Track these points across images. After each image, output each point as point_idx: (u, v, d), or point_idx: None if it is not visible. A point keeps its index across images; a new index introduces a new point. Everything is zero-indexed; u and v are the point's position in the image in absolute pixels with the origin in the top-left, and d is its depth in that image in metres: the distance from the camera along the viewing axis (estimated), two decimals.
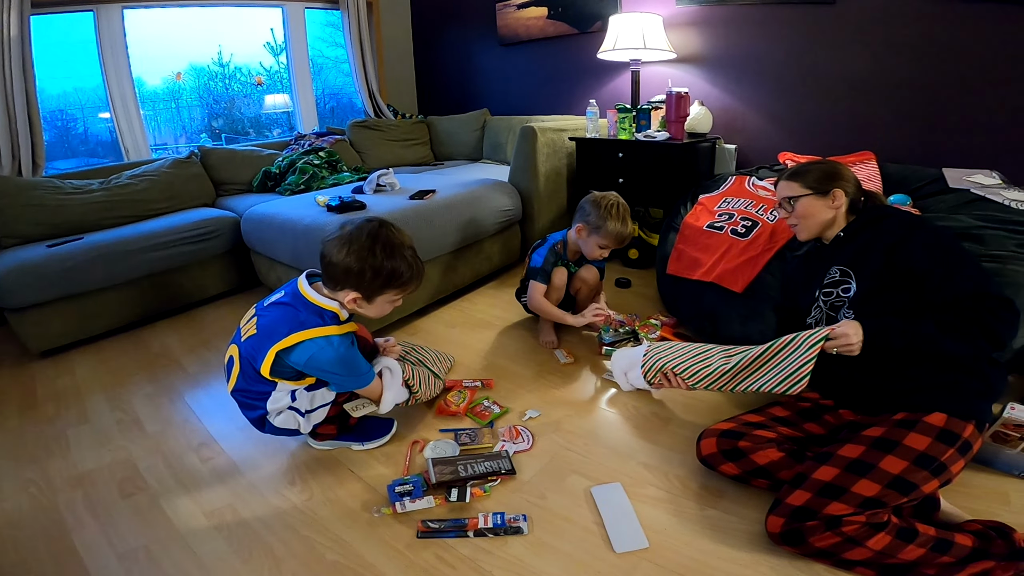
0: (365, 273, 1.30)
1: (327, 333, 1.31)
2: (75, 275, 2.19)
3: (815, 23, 2.60)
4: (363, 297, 1.34)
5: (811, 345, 1.20)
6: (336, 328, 1.33)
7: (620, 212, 1.90)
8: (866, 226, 1.34)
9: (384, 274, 1.32)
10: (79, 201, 2.59)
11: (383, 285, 1.34)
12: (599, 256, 1.99)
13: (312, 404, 1.43)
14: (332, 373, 1.36)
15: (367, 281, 1.31)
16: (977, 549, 1.01)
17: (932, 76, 2.35)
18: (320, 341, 1.30)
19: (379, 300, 1.37)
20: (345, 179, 3.21)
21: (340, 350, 1.32)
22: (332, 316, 1.34)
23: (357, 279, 1.31)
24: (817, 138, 2.73)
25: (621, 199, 1.94)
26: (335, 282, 1.33)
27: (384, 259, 1.31)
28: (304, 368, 1.33)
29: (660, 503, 1.29)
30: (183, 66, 3.88)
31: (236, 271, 2.79)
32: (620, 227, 1.89)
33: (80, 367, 2.13)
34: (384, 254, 1.31)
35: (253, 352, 1.34)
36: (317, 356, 1.30)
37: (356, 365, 1.39)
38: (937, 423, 1.07)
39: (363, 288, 1.33)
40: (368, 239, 1.30)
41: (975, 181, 1.97)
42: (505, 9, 3.81)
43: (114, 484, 1.45)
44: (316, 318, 1.32)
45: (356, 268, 1.29)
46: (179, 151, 3.78)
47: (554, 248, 2.00)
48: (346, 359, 1.35)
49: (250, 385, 1.39)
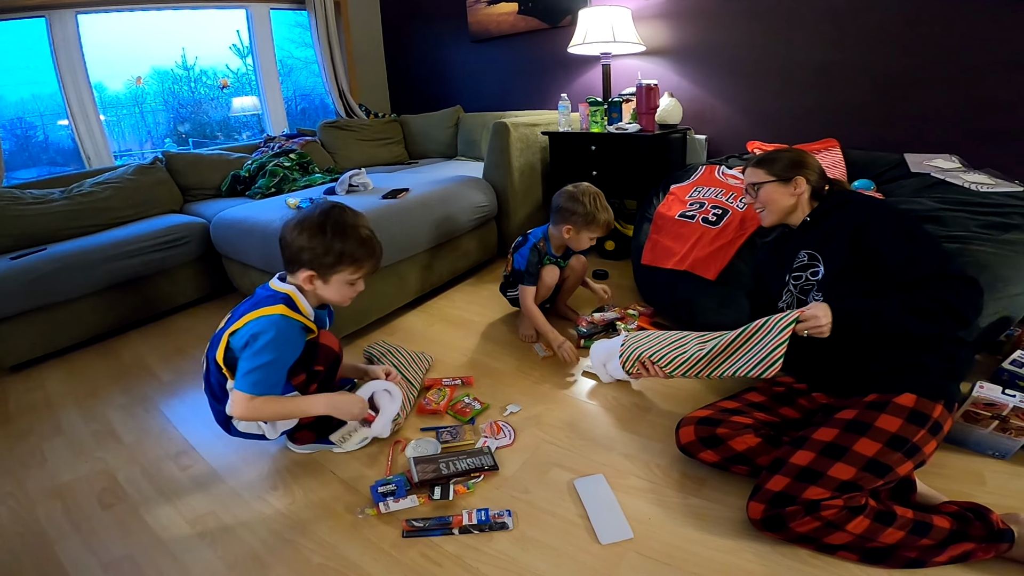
0: (316, 248, 1.30)
1: (274, 311, 1.27)
2: (40, 287, 2.13)
3: (779, 13, 2.64)
4: (317, 275, 1.33)
5: (782, 328, 1.22)
6: (287, 309, 1.29)
7: (602, 201, 1.92)
8: (831, 211, 1.37)
9: (336, 250, 1.31)
10: (40, 211, 2.52)
11: (336, 261, 1.32)
12: (587, 246, 1.99)
13: None
14: (253, 353, 1.25)
15: (319, 256, 1.30)
16: (955, 531, 1.03)
17: (893, 64, 2.41)
18: (263, 318, 1.27)
19: (335, 280, 1.35)
20: (317, 181, 3.17)
21: (281, 328, 1.26)
22: (284, 298, 1.31)
23: (310, 255, 1.30)
24: (784, 127, 2.78)
25: (593, 189, 1.94)
26: (291, 263, 1.33)
27: (334, 235, 1.30)
28: (238, 346, 1.28)
29: (643, 493, 1.30)
30: (145, 70, 3.78)
31: (208, 277, 2.73)
32: (608, 215, 1.91)
33: (51, 380, 2.08)
34: (335, 230, 1.31)
35: (213, 342, 1.34)
36: (252, 331, 1.26)
37: (282, 352, 1.28)
38: (907, 404, 1.09)
39: (316, 265, 1.31)
40: (320, 216, 1.31)
41: (936, 165, 2.02)
42: (476, 5, 3.80)
43: (93, 495, 1.43)
44: (269, 300, 1.30)
45: (307, 245, 1.29)
46: (144, 157, 3.68)
47: (535, 247, 1.99)
48: (278, 342, 1.26)
49: (212, 379, 1.38)
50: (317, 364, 1.40)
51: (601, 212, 1.90)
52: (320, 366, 1.41)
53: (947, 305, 1.11)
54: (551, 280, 2.00)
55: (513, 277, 2.08)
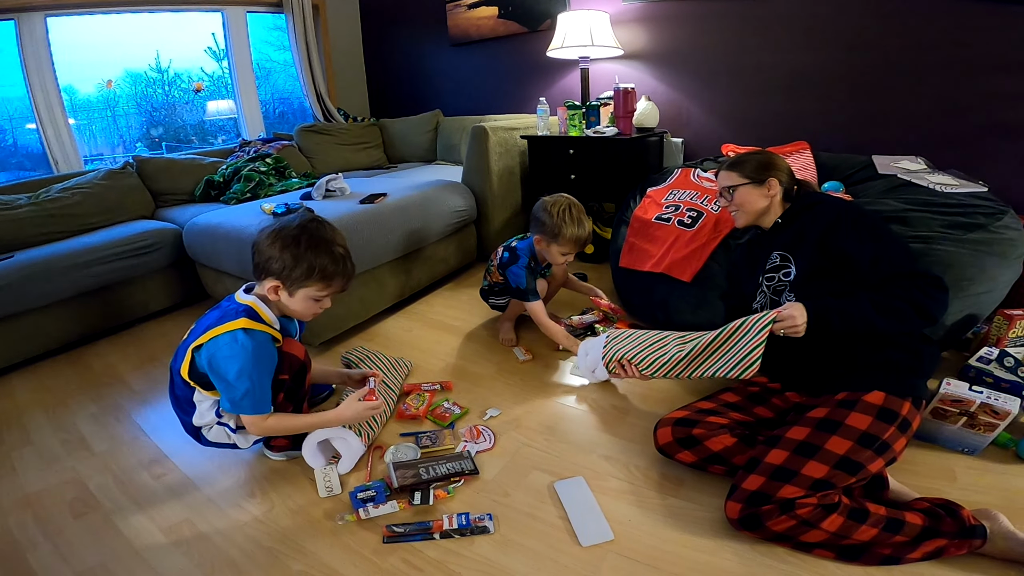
0: (286, 260, 1.28)
1: (237, 326, 1.25)
2: (7, 295, 2.07)
3: (753, 18, 2.70)
4: (283, 286, 1.31)
5: (760, 329, 1.23)
6: (247, 322, 1.27)
7: (575, 215, 1.84)
8: (801, 212, 1.41)
9: (306, 264, 1.29)
10: (6, 217, 2.45)
11: (305, 276, 1.30)
12: (563, 262, 1.95)
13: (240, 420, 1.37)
14: (228, 371, 1.24)
15: (288, 268, 1.28)
16: (928, 528, 1.04)
17: (863, 68, 2.48)
18: (227, 334, 1.24)
19: (300, 294, 1.32)
20: (293, 186, 3.14)
21: (246, 346, 1.24)
22: (246, 309, 1.29)
23: (279, 265, 1.28)
24: (757, 130, 2.83)
25: (573, 200, 1.88)
26: (259, 271, 1.31)
27: (307, 249, 1.28)
28: (208, 368, 1.27)
29: (622, 495, 1.31)
30: (118, 73, 3.70)
31: (180, 285, 2.68)
32: (577, 231, 1.84)
33: (19, 390, 2.03)
34: (309, 244, 1.29)
35: (178, 355, 1.32)
36: (220, 350, 1.24)
37: (256, 373, 1.26)
38: (876, 401, 1.12)
39: (284, 276, 1.29)
40: (297, 229, 1.29)
41: (902, 167, 2.08)
42: (456, 9, 3.80)
43: (64, 504, 1.40)
44: (230, 315, 1.28)
45: (278, 255, 1.27)
46: (116, 161, 3.60)
47: (529, 266, 1.94)
48: (250, 359, 1.24)
49: (177, 390, 1.36)
50: (282, 373, 1.37)
51: (569, 226, 1.82)
52: (285, 375, 1.37)
53: (915, 304, 1.15)
54: (543, 292, 2.03)
55: (503, 289, 2.07)
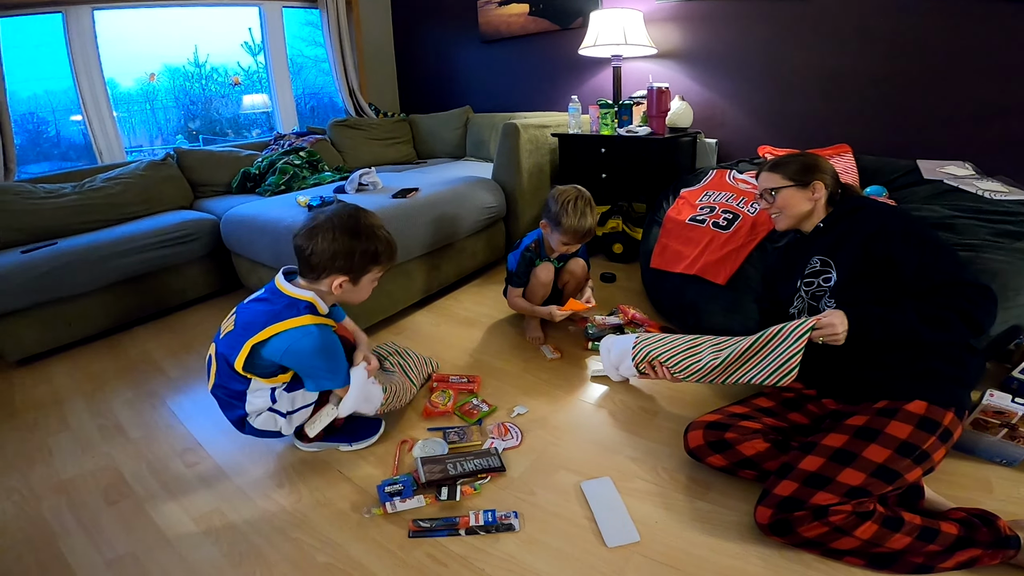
0: (354, 253, 1.32)
1: (304, 323, 1.29)
2: (50, 281, 2.14)
3: (791, 18, 2.64)
4: (350, 279, 1.35)
5: (799, 336, 1.21)
6: (313, 318, 1.31)
7: (578, 207, 1.82)
8: (844, 216, 1.36)
9: (370, 252, 1.35)
10: (52, 206, 2.53)
11: (369, 262, 1.36)
12: (564, 251, 1.95)
13: (293, 405, 1.42)
14: (311, 365, 1.32)
15: (356, 261, 1.33)
16: (962, 537, 1.02)
17: (906, 69, 2.40)
18: (297, 331, 1.29)
19: (364, 280, 1.39)
20: (326, 179, 3.18)
21: (319, 338, 1.30)
22: (307, 306, 1.33)
23: (345, 261, 1.32)
24: (795, 131, 2.77)
25: (583, 192, 1.87)
26: (319, 270, 1.33)
27: (366, 237, 1.34)
28: (282, 360, 1.31)
29: (649, 496, 1.30)
30: (157, 67, 3.80)
31: (217, 274, 2.74)
32: (576, 222, 1.81)
33: (58, 375, 2.09)
34: (366, 233, 1.34)
35: (230, 348, 1.33)
36: (295, 346, 1.29)
37: (336, 355, 1.36)
38: (917, 411, 1.09)
39: (351, 270, 1.34)
40: (350, 220, 1.33)
41: (949, 172, 2.01)
42: (486, 6, 3.80)
43: (99, 491, 1.43)
44: (291, 310, 1.31)
45: (344, 250, 1.31)
46: (155, 153, 3.71)
47: (526, 251, 1.98)
48: (326, 348, 1.32)
49: (226, 382, 1.38)
50: None
51: (568, 217, 1.80)
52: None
53: (961, 313, 1.11)
54: (546, 277, 1.97)
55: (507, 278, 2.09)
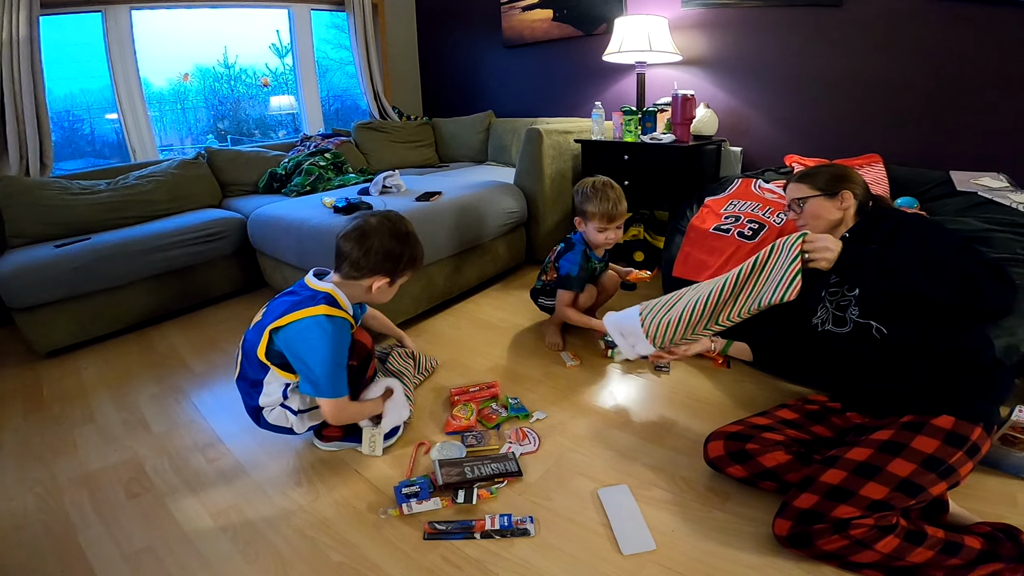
0: (401, 257, 1.40)
1: (318, 312, 1.31)
2: (82, 275, 2.20)
3: (821, 25, 2.60)
4: (389, 281, 1.42)
5: (790, 248, 1.24)
6: (329, 308, 1.33)
7: (600, 189, 1.88)
8: (868, 226, 1.34)
9: (413, 257, 1.45)
10: (86, 201, 2.60)
11: (408, 267, 1.45)
12: (604, 242, 1.94)
13: (304, 404, 1.44)
14: (310, 357, 1.31)
15: (401, 265, 1.41)
16: (985, 551, 1.01)
17: (938, 78, 2.35)
18: (310, 318, 1.30)
19: (397, 283, 1.47)
20: (351, 180, 3.22)
21: (327, 332, 1.31)
22: (325, 296, 1.35)
23: (393, 263, 1.40)
24: (823, 141, 2.72)
25: (603, 178, 1.93)
26: (364, 270, 1.38)
27: (412, 243, 1.44)
28: (287, 348, 1.33)
29: (667, 505, 1.28)
30: (188, 67, 3.88)
31: (242, 272, 2.79)
32: (601, 205, 1.86)
33: (86, 367, 2.14)
34: (412, 239, 1.44)
35: (255, 336, 1.37)
36: (303, 334, 1.31)
37: (339, 358, 1.35)
38: (945, 426, 1.07)
39: (394, 272, 1.41)
40: (400, 226, 1.42)
41: (982, 184, 1.97)
42: (510, 11, 3.82)
43: (120, 484, 1.45)
44: (310, 300, 1.33)
45: (395, 253, 1.39)
46: (185, 152, 3.79)
47: (584, 255, 1.97)
48: (331, 345, 1.31)
49: (248, 372, 1.41)
50: (351, 359, 1.43)
51: (593, 201, 1.87)
52: (353, 361, 1.45)
53: (964, 272, 1.08)
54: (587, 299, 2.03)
55: (554, 289, 2.06)
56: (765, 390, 1.72)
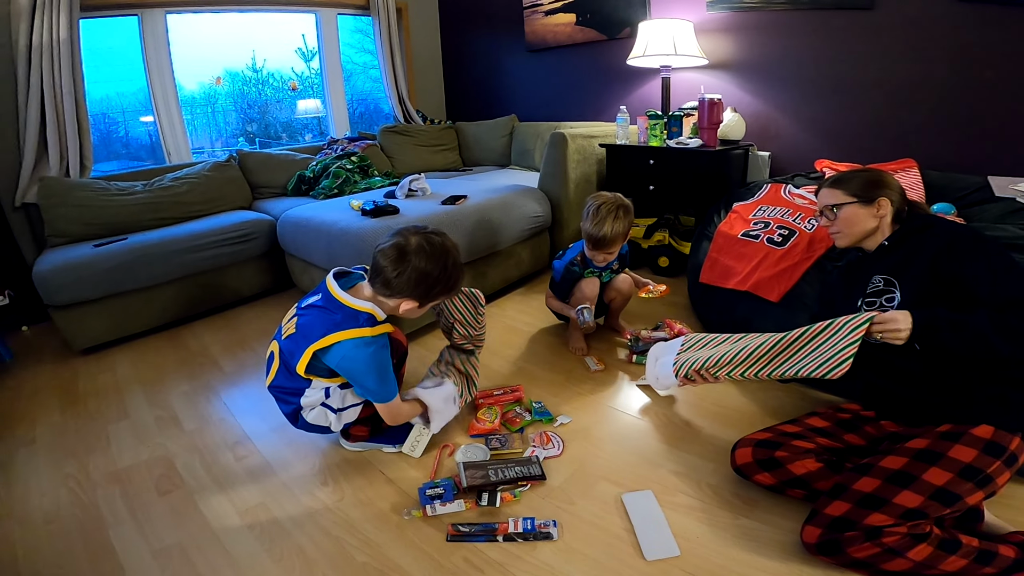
0: (434, 287, 1.36)
1: (362, 335, 1.32)
2: (118, 275, 2.26)
3: (853, 28, 2.55)
4: (419, 305, 1.39)
5: (855, 328, 1.15)
6: (371, 330, 1.34)
7: (600, 212, 1.82)
8: (911, 235, 1.30)
9: (448, 288, 1.41)
10: (124, 202, 2.67)
11: (442, 293, 1.41)
12: (601, 261, 1.92)
13: (344, 402, 1.46)
14: (362, 375, 1.36)
15: (432, 294, 1.37)
16: (1020, 560, 1.00)
17: (975, 81, 2.29)
18: (354, 342, 1.32)
19: (428, 305, 1.43)
20: (376, 184, 3.26)
21: (373, 352, 1.33)
22: (368, 318, 1.35)
23: (424, 291, 1.36)
24: (855, 145, 2.67)
25: (609, 199, 1.86)
26: (394, 290, 1.35)
27: (449, 275, 1.38)
28: (338, 367, 1.35)
29: (692, 511, 1.27)
30: (218, 71, 3.97)
31: (271, 273, 2.84)
32: (591, 228, 1.83)
33: (120, 364, 2.20)
34: (450, 270, 1.38)
35: (291, 351, 1.38)
36: (349, 356, 1.33)
37: (386, 373, 1.39)
38: (984, 435, 1.05)
39: (424, 298, 1.37)
40: (441, 256, 1.35)
41: (1022, 190, 1.91)
42: (533, 16, 3.82)
43: (151, 481, 1.49)
44: (352, 321, 1.34)
45: (427, 283, 1.34)
46: (215, 155, 3.87)
47: (572, 264, 1.99)
48: (378, 362, 1.35)
49: (287, 382, 1.43)
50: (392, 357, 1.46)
51: (587, 222, 1.83)
52: (393, 359, 1.46)
53: None
54: (591, 291, 1.97)
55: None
56: (794, 398, 1.69)
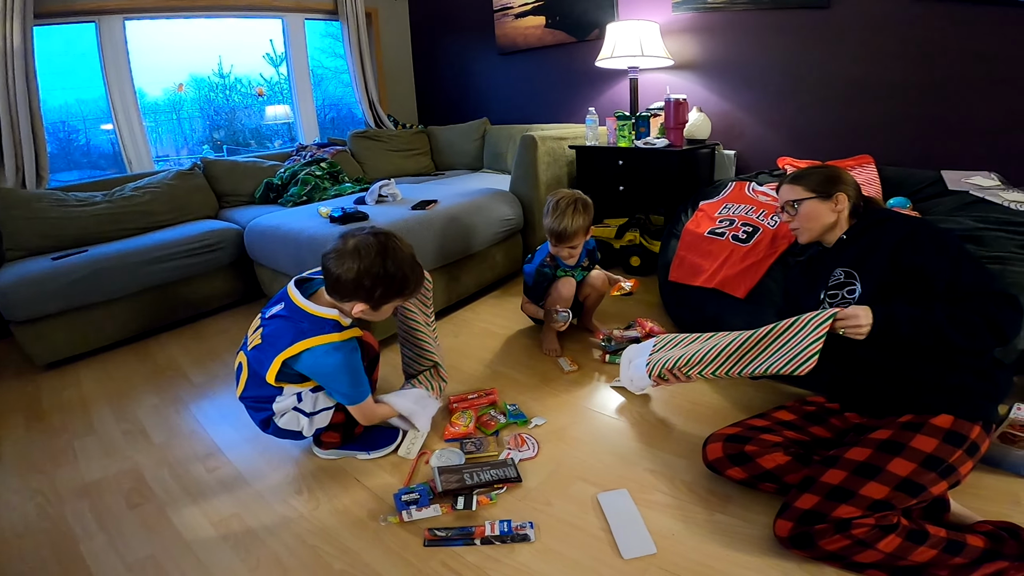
0: (376, 289, 1.33)
1: (330, 340, 1.32)
2: (80, 288, 2.20)
3: (810, 27, 2.63)
4: (371, 308, 1.37)
5: (819, 324, 1.18)
6: (338, 335, 1.34)
7: (559, 207, 1.85)
8: (868, 228, 1.35)
9: (394, 287, 1.36)
10: (83, 213, 2.60)
11: (392, 296, 1.38)
12: (566, 256, 1.94)
13: (316, 406, 1.44)
14: (334, 379, 1.37)
15: (377, 296, 1.34)
16: (989, 550, 1.01)
17: (928, 78, 2.37)
18: (323, 348, 1.32)
19: (384, 308, 1.41)
20: (347, 190, 3.23)
21: (343, 356, 1.34)
22: (334, 324, 1.35)
23: (367, 293, 1.33)
24: (816, 143, 2.74)
25: (567, 194, 1.89)
26: (342, 294, 1.34)
27: (394, 273, 1.33)
28: (309, 373, 1.36)
29: (667, 508, 1.29)
30: (183, 77, 3.89)
31: (240, 282, 2.79)
32: (551, 222, 1.86)
33: (85, 379, 2.14)
34: (394, 267, 1.33)
35: (260, 360, 1.37)
36: (320, 363, 1.33)
37: (357, 375, 1.39)
38: (944, 425, 1.08)
39: (371, 300, 1.35)
40: (378, 257, 1.30)
41: (974, 183, 1.98)
42: (503, 19, 3.84)
43: (121, 494, 1.45)
44: (318, 328, 1.33)
45: (368, 284, 1.31)
46: (180, 163, 3.79)
47: (542, 266, 2.00)
48: (349, 366, 1.36)
49: (258, 391, 1.42)
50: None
51: (548, 217, 1.86)
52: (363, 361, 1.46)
53: (990, 320, 1.10)
54: (567, 292, 1.98)
55: None
56: (763, 392, 1.73)
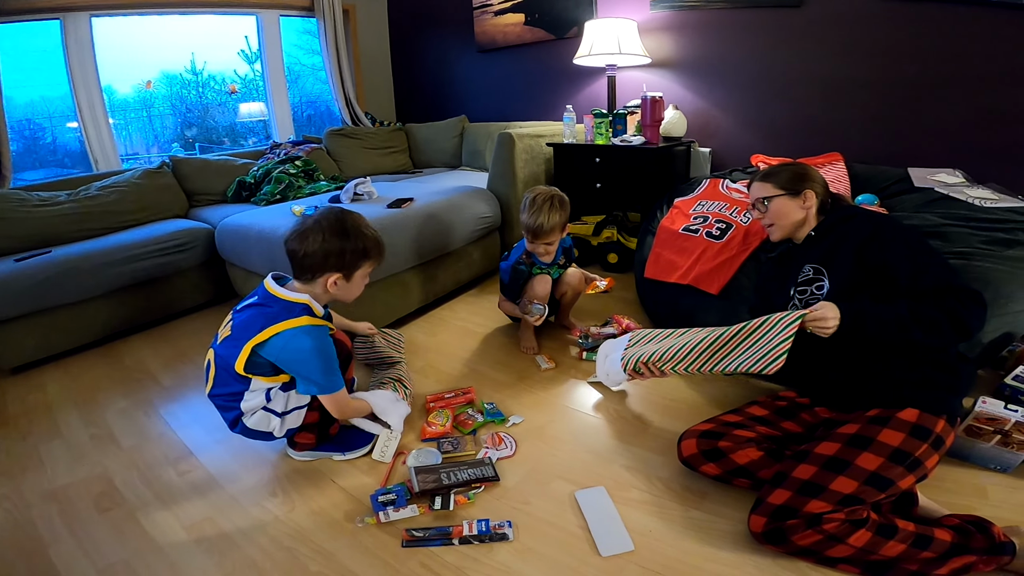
0: (345, 251, 1.36)
1: (301, 323, 1.32)
2: (44, 290, 2.13)
3: (782, 27, 2.66)
4: (343, 276, 1.39)
5: (788, 324, 1.20)
6: (309, 319, 1.34)
7: (536, 203, 1.85)
8: (835, 225, 1.38)
9: (359, 248, 1.40)
10: (47, 213, 2.53)
11: (360, 258, 1.42)
12: (543, 253, 1.94)
13: (287, 406, 1.43)
14: (305, 364, 1.35)
15: (347, 258, 1.37)
16: (957, 544, 1.03)
17: (897, 77, 2.42)
18: (292, 331, 1.31)
19: (356, 276, 1.44)
20: (322, 188, 3.19)
21: (313, 339, 1.33)
22: (304, 308, 1.35)
23: (338, 258, 1.36)
24: (788, 140, 2.79)
25: (544, 191, 1.88)
26: (313, 271, 1.36)
27: (354, 235, 1.39)
28: (279, 359, 1.34)
29: (644, 505, 1.30)
30: (155, 74, 3.81)
31: (211, 283, 2.74)
32: (527, 218, 1.86)
33: (52, 383, 2.08)
34: (353, 231, 1.39)
35: (229, 352, 1.35)
36: (290, 347, 1.32)
37: (331, 359, 1.38)
38: (909, 419, 1.10)
39: (343, 266, 1.38)
40: (337, 222, 1.38)
41: (939, 180, 2.03)
42: (483, 16, 3.83)
43: (90, 499, 1.42)
44: (288, 312, 1.33)
45: (335, 249, 1.35)
46: (151, 161, 3.71)
47: (518, 264, 2.00)
48: (320, 350, 1.35)
49: (225, 387, 1.40)
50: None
51: (525, 213, 1.86)
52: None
53: (952, 316, 1.12)
54: (543, 290, 1.97)
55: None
56: (737, 388, 1.75)
